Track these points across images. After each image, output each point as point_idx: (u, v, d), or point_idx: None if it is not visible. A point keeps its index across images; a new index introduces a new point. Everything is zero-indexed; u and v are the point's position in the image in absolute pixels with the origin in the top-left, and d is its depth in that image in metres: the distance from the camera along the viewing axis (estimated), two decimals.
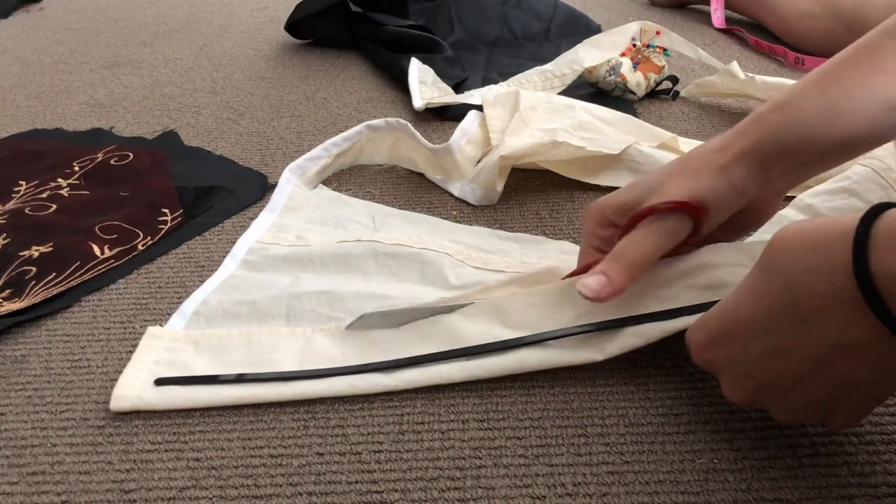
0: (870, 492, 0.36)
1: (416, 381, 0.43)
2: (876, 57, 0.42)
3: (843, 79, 0.42)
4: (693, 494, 0.36)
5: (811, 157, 0.43)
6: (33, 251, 0.57)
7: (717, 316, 0.37)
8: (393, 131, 0.69)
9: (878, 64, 0.42)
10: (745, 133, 0.43)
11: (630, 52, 0.85)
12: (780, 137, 0.42)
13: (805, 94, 0.43)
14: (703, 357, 0.38)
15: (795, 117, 0.42)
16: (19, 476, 0.39)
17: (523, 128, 0.66)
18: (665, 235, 0.42)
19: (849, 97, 0.41)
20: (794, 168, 0.43)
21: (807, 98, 0.42)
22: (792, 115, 0.42)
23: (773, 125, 0.42)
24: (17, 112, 0.87)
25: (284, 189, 0.64)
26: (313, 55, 1.04)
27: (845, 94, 0.42)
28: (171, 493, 0.37)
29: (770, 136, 0.42)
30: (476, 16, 1.08)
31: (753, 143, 0.42)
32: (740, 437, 0.39)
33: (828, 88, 0.42)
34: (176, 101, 0.88)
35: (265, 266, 0.54)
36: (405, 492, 0.37)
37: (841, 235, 0.31)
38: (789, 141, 0.42)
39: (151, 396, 0.42)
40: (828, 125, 0.42)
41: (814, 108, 0.42)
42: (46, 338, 0.49)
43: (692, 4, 1.23)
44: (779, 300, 0.33)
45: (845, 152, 0.43)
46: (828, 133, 0.42)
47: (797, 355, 0.33)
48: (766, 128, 0.42)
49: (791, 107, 0.42)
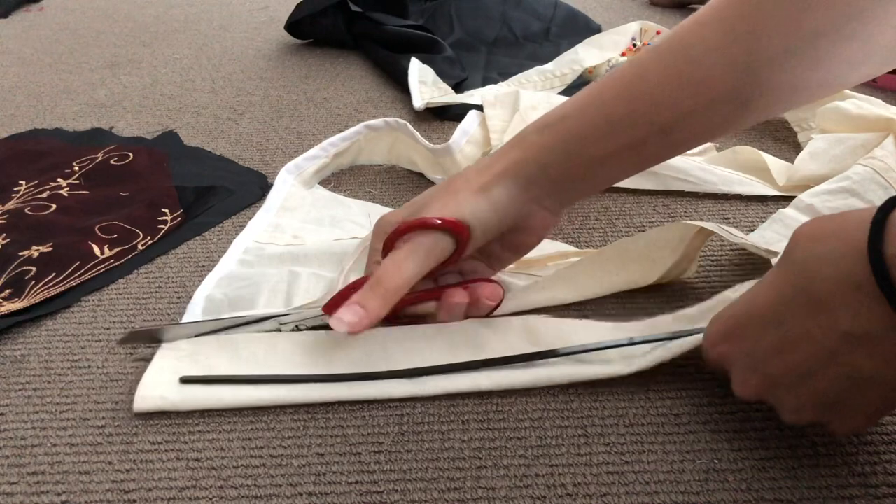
0: (870, 492, 0.36)
1: (441, 388, 0.42)
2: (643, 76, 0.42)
3: (606, 100, 0.42)
4: (693, 494, 0.36)
5: (575, 176, 0.43)
6: (33, 251, 0.57)
7: (735, 309, 0.37)
8: (392, 131, 0.69)
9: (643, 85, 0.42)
10: (505, 154, 0.44)
11: (630, 52, 0.85)
12: (538, 159, 0.43)
13: (565, 114, 0.43)
14: (716, 351, 0.38)
15: (555, 139, 0.43)
16: (19, 476, 0.39)
17: (523, 128, 0.66)
18: (425, 256, 0.42)
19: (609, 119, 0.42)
20: (559, 188, 0.44)
21: (567, 118, 0.43)
22: (550, 136, 0.43)
23: (532, 146, 0.43)
24: (17, 112, 0.87)
25: (281, 189, 0.64)
26: (313, 55, 1.04)
27: (607, 116, 0.42)
28: (171, 493, 0.37)
29: (528, 157, 0.43)
30: (476, 16, 1.08)
31: (512, 164, 0.43)
32: (740, 437, 0.39)
33: (587, 110, 0.43)
34: (176, 101, 0.88)
35: (261, 264, 0.54)
36: (405, 492, 0.37)
37: (859, 223, 0.30)
38: (547, 162, 0.43)
39: (175, 397, 0.42)
40: (587, 145, 0.42)
41: (572, 129, 0.43)
42: (46, 338, 0.49)
43: (692, 4, 1.23)
44: (794, 287, 0.33)
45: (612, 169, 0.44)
46: (587, 152, 0.42)
47: (807, 347, 0.33)
48: (525, 149, 0.43)
49: (550, 129, 0.43)
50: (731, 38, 0.39)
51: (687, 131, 0.42)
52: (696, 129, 0.42)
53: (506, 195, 0.43)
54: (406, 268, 0.41)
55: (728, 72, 0.39)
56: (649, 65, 0.42)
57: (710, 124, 0.42)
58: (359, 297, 0.41)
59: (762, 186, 0.62)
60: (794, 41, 0.38)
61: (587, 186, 0.45)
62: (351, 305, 0.41)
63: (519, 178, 0.43)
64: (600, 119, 0.42)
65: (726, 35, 0.39)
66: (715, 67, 0.39)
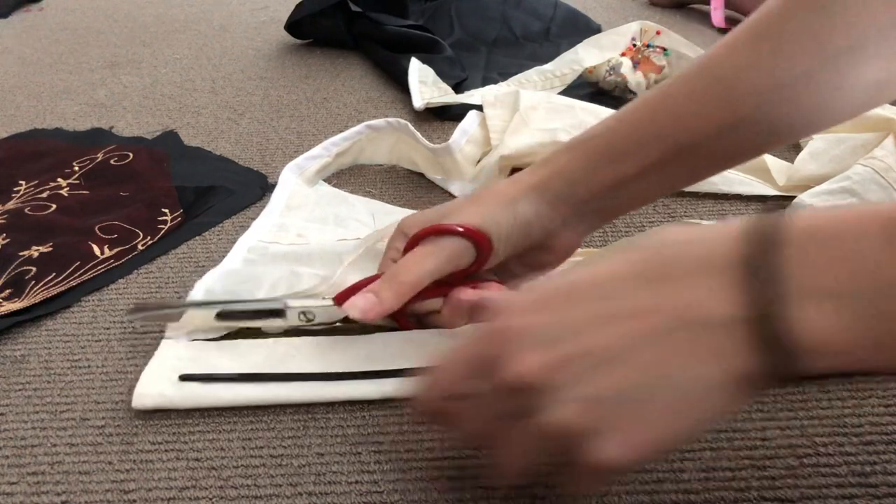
0: (870, 492, 0.36)
1: None
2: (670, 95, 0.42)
3: (634, 119, 0.43)
4: (693, 493, 0.36)
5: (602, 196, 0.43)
6: (33, 251, 0.57)
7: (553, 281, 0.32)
8: (394, 131, 0.69)
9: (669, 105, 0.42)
10: (535, 171, 0.44)
11: (630, 52, 0.85)
12: (566, 176, 0.43)
13: (595, 133, 0.44)
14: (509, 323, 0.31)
15: (583, 156, 0.43)
16: (19, 476, 0.39)
17: (523, 128, 0.66)
18: (444, 258, 0.42)
19: (636, 138, 0.42)
20: (586, 207, 0.43)
21: (596, 137, 0.43)
22: (579, 154, 0.43)
23: (561, 164, 0.43)
24: (17, 112, 0.87)
25: (284, 188, 0.64)
26: (313, 55, 1.04)
27: (634, 135, 0.42)
28: (171, 493, 0.37)
29: (556, 174, 0.43)
30: (476, 16, 1.08)
31: (540, 180, 0.43)
32: (740, 437, 0.39)
33: (616, 129, 0.43)
34: (176, 101, 0.88)
35: (265, 263, 0.54)
36: (405, 492, 0.37)
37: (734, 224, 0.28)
38: (575, 179, 0.43)
39: (174, 394, 0.42)
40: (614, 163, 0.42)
41: (600, 147, 0.43)
42: (46, 338, 0.49)
43: (692, 4, 1.23)
44: (644, 262, 0.29)
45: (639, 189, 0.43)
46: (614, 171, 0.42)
47: (631, 323, 0.28)
48: (554, 166, 0.44)
49: (579, 147, 0.43)
50: (755, 59, 0.39)
51: (712, 152, 0.42)
52: (721, 149, 0.42)
53: (532, 210, 0.43)
54: (423, 266, 0.42)
55: (752, 92, 0.39)
56: (677, 86, 0.42)
57: (736, 146, 0.42)
58: (375, 287, 0.42)
59: (762, 186, 0.62)
60: (817, 61, 0.38)
61: (613, 207, 0.45)
62: (366, 293, 0.42)
63: (546, 193, 0.43)
64: (628, 138, 0.42)
65: (750, 56, 0.40)
66: (739, 88, 0.40)
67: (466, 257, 0.43)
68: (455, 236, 0.42)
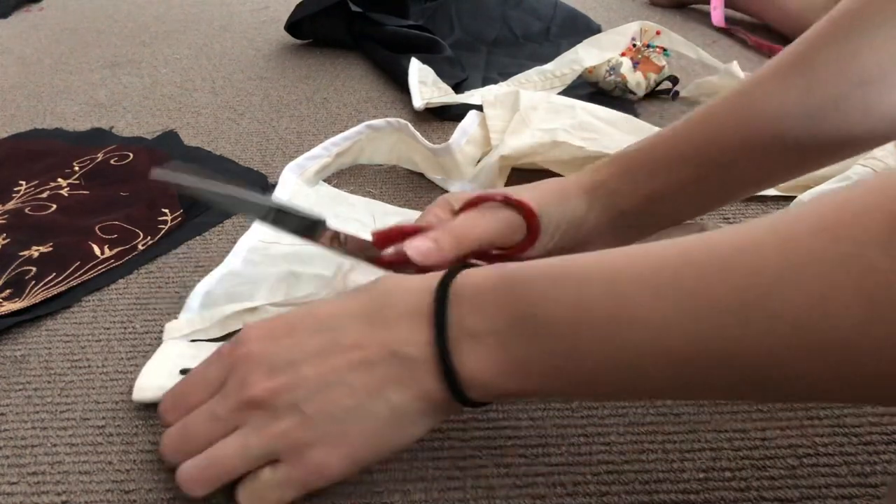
0: (870, 492, 0.36)
1: None
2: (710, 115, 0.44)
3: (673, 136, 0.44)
4: (693, 493, 0.36)
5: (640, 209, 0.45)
6: (33, 251, 0.57)
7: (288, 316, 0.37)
8: (394, 132, 0.69)
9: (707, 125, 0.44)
10: (581, 178, 0.46)
11: (630, 52, 0.85)
12: (609, 185, 0.45)
13: (638, 147, 0.46)
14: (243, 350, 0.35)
15: (625, 168, 0.45)
16: (19, 476, 0.39)
17: (523, 128, 0.66)
18: (498, 221, 0.43)
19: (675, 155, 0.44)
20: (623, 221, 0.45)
21: (638, 152, 0.45)
22: (621, 166, 0.45)
23: (604, 174, 0.45)
24: (17, 112, 0.87)
25: (284, 188, 0.64)
26: (313, 55, 1.04)
27: (673, 151, 0.44)
28: (171, 493, 0.37)
29: (602, 181, 0.45)
30: (476, 16, 1.08)
31: (589, 185, 0.45)
32: (740, 437, 0.39)
33: (657, 146, 0.45)
34: (176, 101, 0.89)
35: (265, 264, 0.55)
36: (406, 492, 0.37)
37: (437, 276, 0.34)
38: (616, 188, 0.45)
39: None
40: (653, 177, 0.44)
41: (641, 161, 0.45)
42: (46, 338, 0.49)
43: (692, 4, 1.23)
44: (370, 303, 0.35)
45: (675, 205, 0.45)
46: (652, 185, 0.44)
47: (348, 355, 0.33)
48: (599, 175, 0.45)
49: (621, 160, 0.45)
50: (786, 86, 0.41)
51: (745, 171, 0.43)
52: (753, 170, 0.43)
53: (582, 210, 0.44)
54: (479, 224, 0.43)
55: (782, 117, 0.41)
56: (716, 108, 0.44)
57: (767, 167, 0.43)
58: (435, 234, 0.42)
59: None
60: (843, 88, 0.40)
61: (647, 224, 0.46)
62: (426, 237, 0.42)
63: (595, 200, 0.45)
64: (667, 154, 0.44)
65: (781, 82, 0.41)
66: (770, 112, 0.41)
67: (518, 232, 0.43)
68: (509, 208, 0.43)
